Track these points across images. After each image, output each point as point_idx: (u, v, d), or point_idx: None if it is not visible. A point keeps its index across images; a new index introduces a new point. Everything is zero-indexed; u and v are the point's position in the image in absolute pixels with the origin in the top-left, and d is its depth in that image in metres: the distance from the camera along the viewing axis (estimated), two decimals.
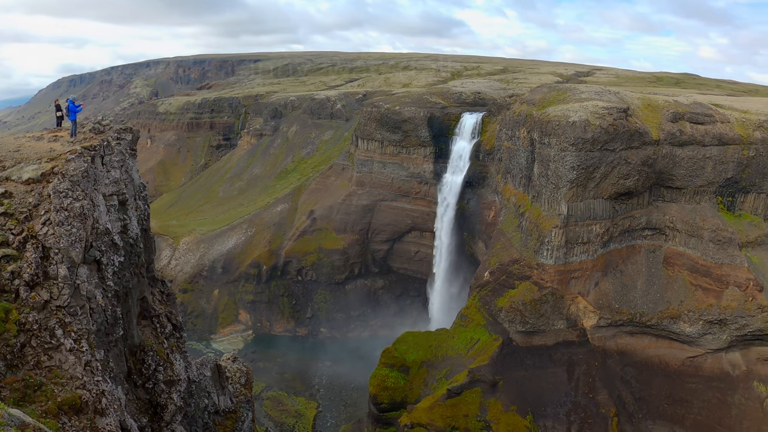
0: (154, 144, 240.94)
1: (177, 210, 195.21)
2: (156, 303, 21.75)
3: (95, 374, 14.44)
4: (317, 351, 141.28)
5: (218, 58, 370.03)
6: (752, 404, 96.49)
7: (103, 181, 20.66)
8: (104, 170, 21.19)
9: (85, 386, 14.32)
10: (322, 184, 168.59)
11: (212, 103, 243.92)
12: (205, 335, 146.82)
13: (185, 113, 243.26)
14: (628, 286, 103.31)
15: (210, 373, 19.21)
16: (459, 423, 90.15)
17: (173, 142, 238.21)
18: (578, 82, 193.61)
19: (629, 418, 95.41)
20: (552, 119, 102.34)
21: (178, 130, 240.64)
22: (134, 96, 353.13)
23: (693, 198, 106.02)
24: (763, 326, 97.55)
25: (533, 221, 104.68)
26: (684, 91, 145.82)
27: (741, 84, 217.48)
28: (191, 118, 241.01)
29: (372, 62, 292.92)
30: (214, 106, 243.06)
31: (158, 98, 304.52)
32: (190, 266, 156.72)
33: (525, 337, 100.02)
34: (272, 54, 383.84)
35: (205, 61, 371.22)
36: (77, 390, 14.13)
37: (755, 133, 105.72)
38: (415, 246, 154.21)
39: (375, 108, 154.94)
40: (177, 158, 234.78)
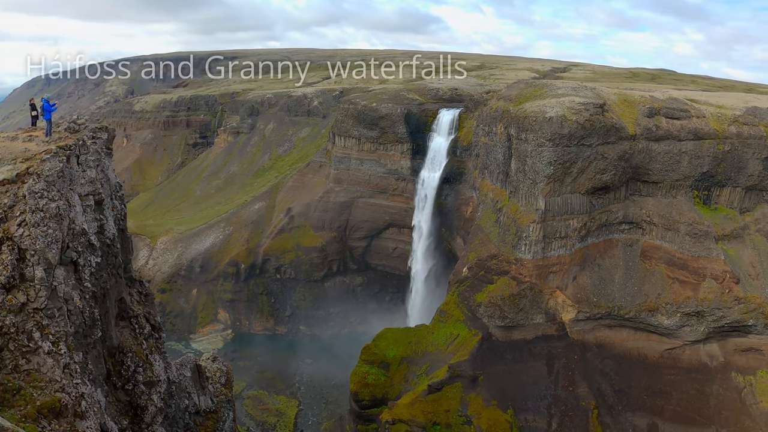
0: (130, 143, 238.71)
1: (154, 209, 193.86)
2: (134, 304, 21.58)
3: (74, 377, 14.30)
4: (297, 349, 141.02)
5: (195, 56, 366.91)
6: (730, 394, 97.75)
7: (78, 181, 20.45)
8: (80, 170, 20.98)
9: (64, 389, 14.18)
10: (300, 181, 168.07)
11: (189, 101, 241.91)
12: (185, 335, 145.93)
13: (161, 111, 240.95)
14: (605, 279, 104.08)
15: (190, 373, 19.10)
16: (440, 418, 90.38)
17: (149, 141, 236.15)
18: (555, 78, 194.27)
19: (609, 410, 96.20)
20: (529, 115, 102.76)
21: (154, 129, 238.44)
22: (110, 94, 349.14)
23: (669, 192, 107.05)
24: (740, 318, 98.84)
25: (511, 216, 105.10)
26: (660, 87, 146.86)
27: (716, 79, 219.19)
28: (167, 116, 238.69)
29: (349, 59, 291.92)
30: (191, 104, 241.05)
31: (134, 96, 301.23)
32: (168, 266, 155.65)
33: (504, 332, 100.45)
34: (249, 51, 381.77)
35: (182, 58, 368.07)
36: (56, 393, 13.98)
37: (730, 128, 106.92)
38: (393, 242, 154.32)
39: (352, 105, 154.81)
40: (153, 157, 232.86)
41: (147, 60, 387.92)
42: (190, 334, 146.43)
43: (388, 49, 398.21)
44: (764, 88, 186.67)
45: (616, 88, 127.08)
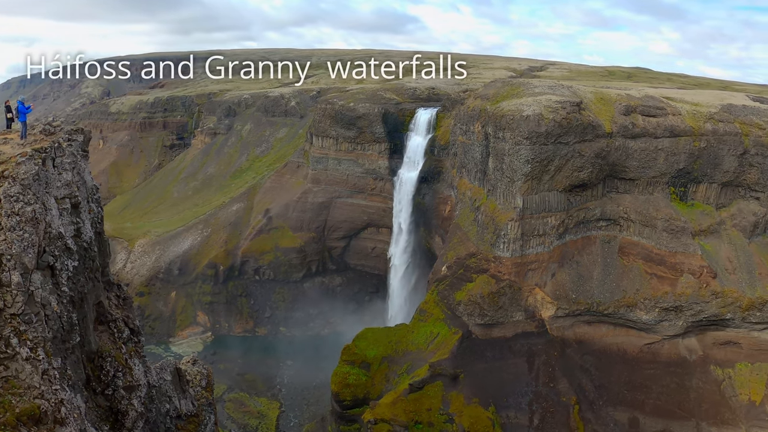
0: (106, 145, 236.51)
1: (131, 212, 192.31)
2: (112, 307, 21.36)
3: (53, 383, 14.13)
4: (277, 350, 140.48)
5: (171, 56, 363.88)
6: (710, 387, 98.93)
7: (54, 184, 20.22)
8: (56, 173, 20.74)
9: (44, 395, 13.99)
10: (278, 182, 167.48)
11: (165, 102, 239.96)
12: (164, 338, 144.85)
13: (138, 113, 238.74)
14: (584, 276, 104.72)
15: (170, 377, 18.94)
16: (422, 417, 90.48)
17: (126, 143, 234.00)
18: (532, 76, 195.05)
19: (590, 405, 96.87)
20: (506, 113, 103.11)
21: (130, 130, 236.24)
22: (86, 96, 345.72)
23: (646, 189, 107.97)
24: (717, 312, 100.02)
25: (489, 215, 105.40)
26: (636, 85, 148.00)
27: (692, 77, 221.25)
28: (144, 117, 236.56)
29: (326, 59, 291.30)
30: (167, 105, 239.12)
31: (110, 98, 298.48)
32: (146, 269, 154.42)
33: (484, 330, 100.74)
34: (226, 51, 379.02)
35: (158, 59, 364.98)
36: (36, 400, 13.79)
37: (706, 125, 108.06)
38: (372, 242, 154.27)
39: (329, 105, 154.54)
40: (130, 159, 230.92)
41: (123, 60, 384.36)
42: (170, 338, 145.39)
43: (365, 49, 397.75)
44: (739, 85, 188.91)
45: (592, 86, 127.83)
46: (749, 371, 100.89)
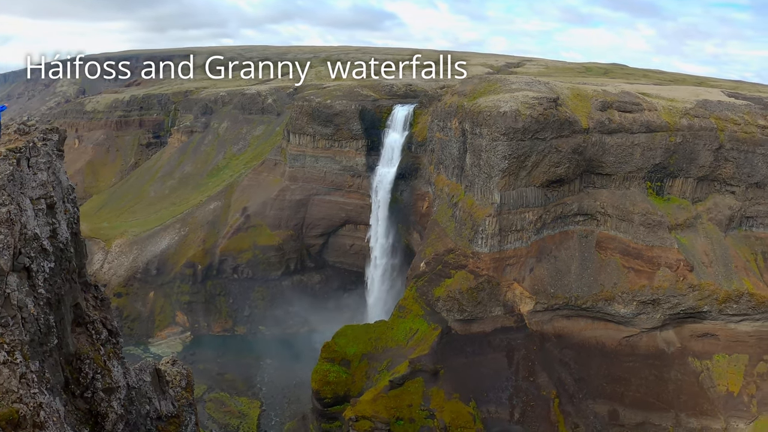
0: (82, 144, 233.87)
1: (108, 212, 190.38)
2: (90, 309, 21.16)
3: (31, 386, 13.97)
4: (257, 349, 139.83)
5: (147, 54, 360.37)
6: (688, 379, 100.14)
7: (29, 185, 19.97)
8: (30, 173, 20.48)
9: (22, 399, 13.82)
10: (255, 180, 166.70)
11: (141, 101, 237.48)
12: (143, 339, 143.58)
13: (113, 111, 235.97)
14: (562, 270, 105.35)
15: (149, 378, 18.81)
16: (403, 413, 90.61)
17: (102, 142, 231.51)
18: (509, 73, 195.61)
19: (570, 398, 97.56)
20: (483, 110, 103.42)
21: (106, 129, 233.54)
22: (61, 95, 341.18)
23: (623, 184, 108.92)
24: (694, 304, 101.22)
25: (467, 211, 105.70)
26: (612, 81, 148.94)
27: (667, 73, 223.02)
28: (120, 116, 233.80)
29: (303, 56, 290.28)
30: (143, 103, 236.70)
31: (85, 96, 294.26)
32: (124, 269, 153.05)
33: (463, 325, 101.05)
34: (202, 49, 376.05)
35: (134, 57, 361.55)
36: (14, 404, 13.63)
37: (682, 121, 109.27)
38: (350, 239, 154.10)
39: (306, 102, 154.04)
40: (106, 158, 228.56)
41: (99, 59, 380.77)
42: (149, 338, 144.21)
43: (342, 46, 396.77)
44: (715, 81, 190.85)
45: (569, 82, 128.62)
46: (727, 362, 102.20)
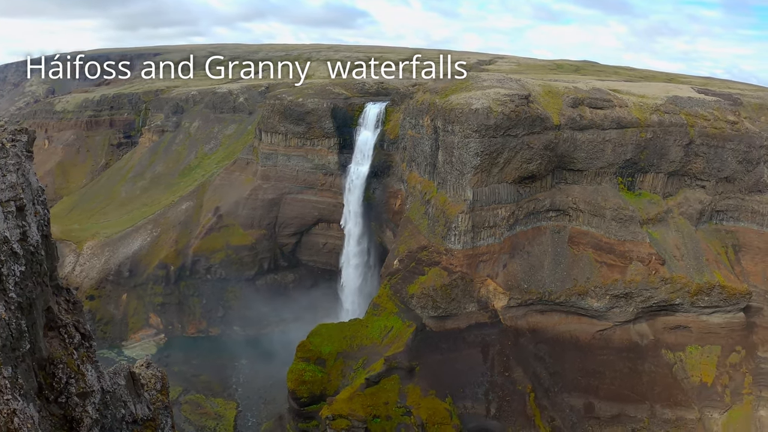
0: (51, 144, 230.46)
1: (79, 213, 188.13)
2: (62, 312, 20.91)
3: (5, 393, 13.78)
4: (232, 350, 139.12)
5: (117, 53, 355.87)
6: (662, 371, 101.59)
7: None
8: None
9: None
10: (227, 179, 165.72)
11: (111, 100, 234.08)
12: (116, 342, 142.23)
13: (84, 111, 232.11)
14: (535, 266, 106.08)
15: (124, 381, 18.63)
16: (380, 411, 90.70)
17: (72, 142, 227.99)
18: (480, 70, 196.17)
19: (545, 392, 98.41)
20: (455, 107, 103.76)
21: (76, 129, 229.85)
22: (30, 94, 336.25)
23: (594, 179, 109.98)
24: (667, 297, 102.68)
25: (439, 208, 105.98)
26: (584, 78, 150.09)
27: (638, 70, 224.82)
28: (90, 115, 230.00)
29: (275, 54, 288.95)
30: (114, 102, 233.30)
31: (55, 96, 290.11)
32: (96, 271, 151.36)
33: (438, 322, 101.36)
34: (173, 47, 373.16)
35: (104, 55, 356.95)
36: None
37: (652, 117, 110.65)
38: (324, 238, 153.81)
39: (278, 100, 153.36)
40: (76, 159, 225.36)
41: (69, 57, 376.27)
42: (122, 341, 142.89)
43: (314, 44, 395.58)
44: (685, 78, 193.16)
45: (540, 79, 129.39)
46: (700, 354, 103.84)
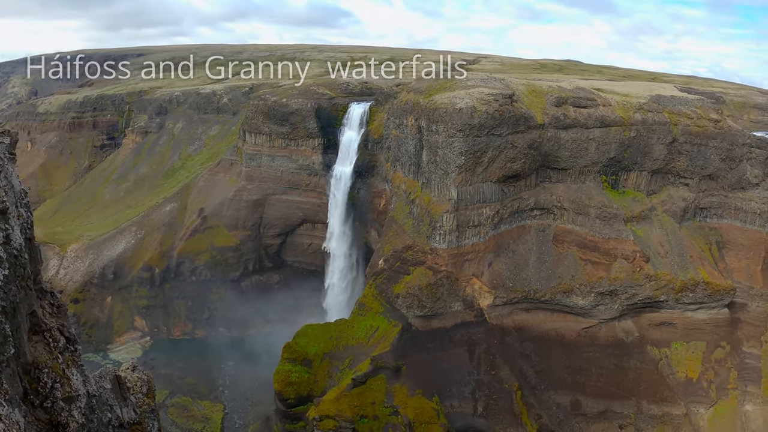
0: (34, 147, 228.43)
1: (62, 216, 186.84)
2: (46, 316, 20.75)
3: None
4: (218, 352, 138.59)
5: (100, 53, 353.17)
6: (648, 367, 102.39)
7: None
8: None
9: None
10: (211, 180, 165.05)
11: (94, 101, 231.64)
12: (102, 346, 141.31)
13: (66, 112, 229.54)
14: (520, 264, 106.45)
15: (110, 385, 18.50)
16: (367, 411, 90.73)
17: (55, 144, 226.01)
18: (464, 69, 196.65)
19: (532, 390, 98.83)
20: (439, 106, 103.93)
21: (59, 131, 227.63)
22: (12, 96, 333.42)
23: (578, 178, 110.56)
24: (651, 294, 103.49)
25: (424, 207, 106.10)
26: (567, 77, 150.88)
27: (621, 69, 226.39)
28: (73, 117, 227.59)
29: (258, 54, 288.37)
30: (97, 104, 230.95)
31: (38, 98, 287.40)
32: (80, 274, 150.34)
33: (424, 321, 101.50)
34: (156, 48, 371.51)
35: (87, 56, 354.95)
36: None
37: (635, 115, 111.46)
38: (308, 238, 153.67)
39: (262, 101, 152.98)
40: (59, 161, 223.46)
41: (51, 58, 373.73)
42: (108, 345, 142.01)
43: (298, 44, 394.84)
44: (668, 76, 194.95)
45: (524, 79, 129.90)
46: (685, 350, 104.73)
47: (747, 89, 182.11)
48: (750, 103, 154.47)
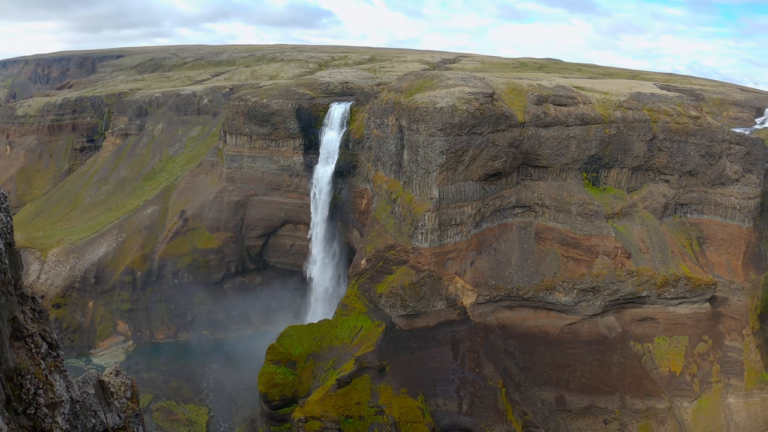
0: (13, 150, 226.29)
1: (43, 220, 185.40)
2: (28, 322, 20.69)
3: None
4: (202, 355, 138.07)
5: (79, 55, 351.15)
6: (631, 362, 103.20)
7: None
8: None
9: None
10: (192, 182, 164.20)
11: (74, 103, 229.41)
12: (84, 351, 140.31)
13: (46, 115, 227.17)
14: (503, 262, 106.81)
15: (93, 390, 18.48)
16: (352, 411, 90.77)
17: (34, 147, 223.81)
18: (445, 69, 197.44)
19: (516, 387, 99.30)
20: (420, 106, 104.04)
21: (38, 134, 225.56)
22: None
23: (559, 175, 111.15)
24: (633, 290, 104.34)
25: (406, 206, 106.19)
26: (547, 76, 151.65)
27: (601, 67, 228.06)
28: (52, 120, 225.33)
29: (239, 55, 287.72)
30: (76, 106, 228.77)
31: (16, 101, 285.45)
32: (61, 279, 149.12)
33: (407, 321, 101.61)
34: (135, 49, 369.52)
35: (66, 58, 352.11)
36: None
37: (615, 113, 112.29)
38: (290, 239, 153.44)
39: (242, 101, 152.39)
40: (39, 164, 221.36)
41: (29, 61, 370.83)
42: (90, 349, 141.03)
43: (278, 44, 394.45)
44: (647, 74, 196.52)
45: (505, 77, 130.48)
46: (668, 344, 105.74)
47: (726, 86, 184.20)
48: (729, 100, 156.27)
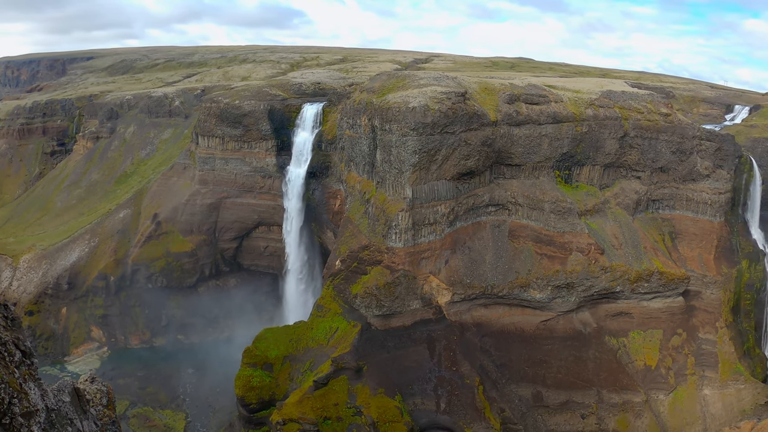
0: None
1: (14, 226, 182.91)
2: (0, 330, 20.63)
3: None
4: (177, 359, 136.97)
5: (49, 57, 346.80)
6: (607, 357, 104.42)
7: None
8: None
9: None
10: (164, 185, 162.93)
11: (44, 107, 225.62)
12: (59, 358, 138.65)
13: (15, 119, 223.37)
14: (477, 261, 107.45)
15: (69, 398, 18.48)
16: (330, 413, 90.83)
17: (4, 152, 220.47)
18: (417, 68, 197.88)
19: (494, 384, 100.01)
20: (392, 106, 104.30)
21: (8, 138, 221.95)
22: None
23: (532, 173, 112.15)
24: (607, 285, 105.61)
25: (379, 207, 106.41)
26: (519, 75, 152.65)
27: (573, 66, 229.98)
28: (22, 123, 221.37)
29: (210, 56, 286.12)
30: (46, 109, 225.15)
31: None
32: (34, 285, 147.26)
33: (383, 321, 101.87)
34: (106, 50, 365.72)
35: (35, 60, 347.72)
36: None
37: (587, 111, 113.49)
38: (264, 241, 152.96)
39: (214, 103, 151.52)
40: (9, 169, 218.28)
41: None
42: (65, 357, 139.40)
43: (250, 45, 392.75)
44: (618, 72, 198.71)
45: (477, 76, 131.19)
46: (642, 338, 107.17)
47: (696, 84, 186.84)
48: (699, 97, 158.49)
